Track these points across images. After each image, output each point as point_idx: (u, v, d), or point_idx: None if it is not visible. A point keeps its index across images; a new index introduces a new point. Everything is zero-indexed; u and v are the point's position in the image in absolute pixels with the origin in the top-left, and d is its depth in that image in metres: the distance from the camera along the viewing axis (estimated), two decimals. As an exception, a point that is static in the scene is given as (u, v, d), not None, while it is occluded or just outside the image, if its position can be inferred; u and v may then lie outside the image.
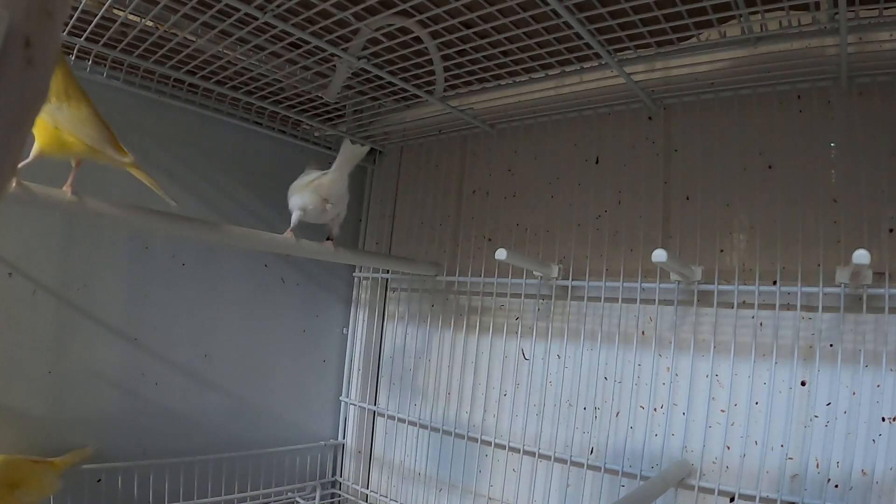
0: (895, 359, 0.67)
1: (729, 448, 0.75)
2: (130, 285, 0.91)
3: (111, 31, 0.78)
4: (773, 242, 0.75)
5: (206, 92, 0.97)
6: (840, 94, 0.74)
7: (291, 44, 0.79)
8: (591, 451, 0.87)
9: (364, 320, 1.20)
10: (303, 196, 0.82)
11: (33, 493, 0.71)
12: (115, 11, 0.74)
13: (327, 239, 0.87)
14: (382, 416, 1.16)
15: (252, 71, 0.89)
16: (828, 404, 0.70)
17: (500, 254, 0.78)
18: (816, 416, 0.70)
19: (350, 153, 0.81)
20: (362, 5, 0.69)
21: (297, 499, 1.08)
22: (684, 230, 0.83)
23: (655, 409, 0.82)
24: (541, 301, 0.95)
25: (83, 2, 0.71)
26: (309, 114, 1.06)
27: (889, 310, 0.66)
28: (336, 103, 1.00)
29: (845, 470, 0.67)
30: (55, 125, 0.57)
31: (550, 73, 0.86)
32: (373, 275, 1.19)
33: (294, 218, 0.83)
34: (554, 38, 0.75)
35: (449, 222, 1.11)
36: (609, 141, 0.93)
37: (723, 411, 0.76)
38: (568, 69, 0.84)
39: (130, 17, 0.75)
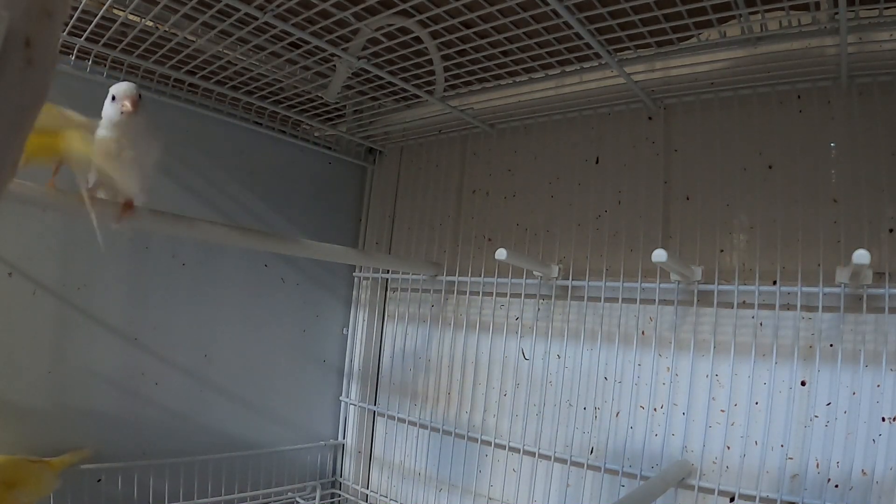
0: (895, 359, 0.66)
1: (729, 448, 0.75)
2: (130, 285, 0.91)
3: (111, 31, 0.78)
4: (773, 242, 0.75)
5: (206, 92, 0.97)
6: (840, 94, 0.74)
7: (291, 44, 0.79)
8: (591, 451, 0.87)
9: (364, 320, 1.20)
10: None
11: (31, 492, 0.71)
12: (115, 11, 0.74)
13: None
14: (382, 416, 1.16)
15: (252, 71, 0.89)
16: (828, 404, 0.70)
17: (500, 254, 0.78)
18: (816, 416, 0.70)
19: None
20: (362, 5, 0.69)
21: (297, 499, 1.08)
22: (684, 230, 0.83)
23: (655, 409, 0.82)
24: (541, 301, 0.95)
25: (83, 2, 0.71)
26: (309, 114, 1.06)
27: (889, 310, 0.66)
28: (336, 103, 1.00)
29: (845, 470, 0.67)
30: None
31: (550, 73, 0.86)
32: (373, 275, 1.19)
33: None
34: (554, 38, 0.75)
35: (449, 222, 1.11)
36: (609, 141, 0.93)
37: (723, 411, 0.76)
38: (568, 69, 0.84)
39: (130, 17, 0.75)
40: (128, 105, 0.58)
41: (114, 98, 0.59)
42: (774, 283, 0.74)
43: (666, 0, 0.63)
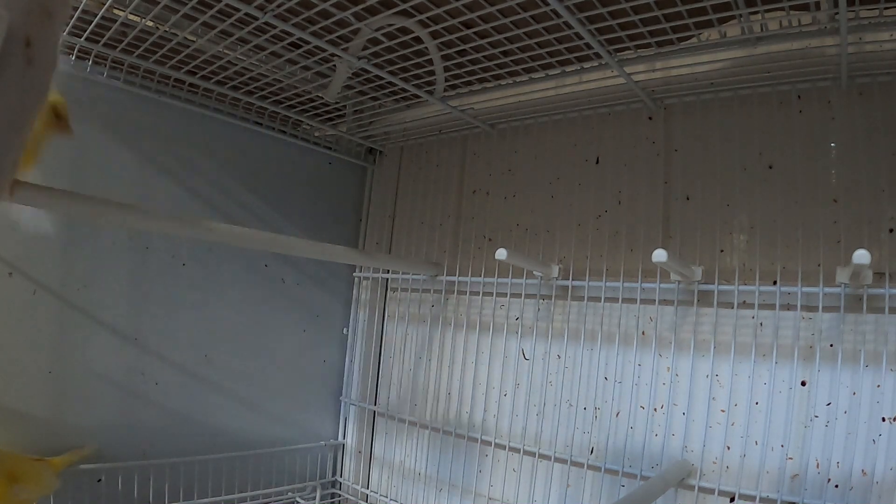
0: (895, 359, 0.66)
1: (729, 448, 0.75)
2: (130, 285, 0.91)
3: (111, 31, 0.78)
4: (773, 242, 0.75)
5: (206, 92, 0.97)
6: (840, 94, 0.74)
7: (291, 44, 0.79)
8: (591, 451, 0.87)
9: (364, 320, 1.20)
10: None
11: (31, 489, 0.71)
12: (115, 11, 0.74)
13: None
14: (382, 416, 1.16)
15: (252, 71, 0.89)
16: (828, 404, 0.70)
17: (500, 254, 0.78)
18: (816, 416, 0.70)
19: None
20: (362, 5, 0.69)
21: (297, 499, 1.08)
22: (684, 230, 0.83)
23: (655, 409, 0.82)
24: (541, 301, 0.95)
25: (83, 2, 0.71)
26: (309, 114, 1.06)
27: (889, 310, 0.66)
28: (336, 103, 1.00)
29: (845, 470, 0.67)
30: None
31: (550, 73, 0.86)
32: (373, 275, 1.19)
33: None
34: (554, 38, 0.75)
35: (449, 222, 1.11)
36: (609, 141, 0.93)
37: (723, 411, 0.76)
38: (568, 69, 0.84)
39: (130, 17, 0.75)
40: None
41: None
42: (774, 283, 0.74)
43: (666, 0, 0.63)
